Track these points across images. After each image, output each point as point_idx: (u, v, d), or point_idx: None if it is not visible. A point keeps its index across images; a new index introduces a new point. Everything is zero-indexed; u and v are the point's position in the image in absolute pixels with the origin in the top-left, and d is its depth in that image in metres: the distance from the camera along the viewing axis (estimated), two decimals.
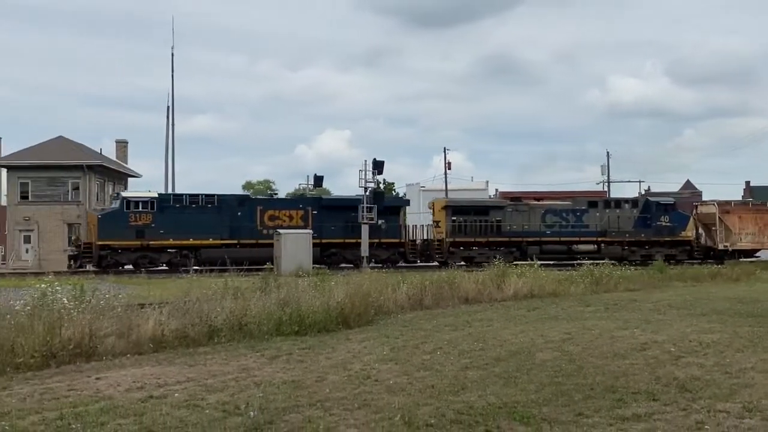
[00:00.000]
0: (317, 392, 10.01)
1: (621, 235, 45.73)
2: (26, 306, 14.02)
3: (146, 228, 39.19)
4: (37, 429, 8.15)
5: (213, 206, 40.52)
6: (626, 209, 46.94)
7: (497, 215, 44.66)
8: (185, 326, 15.14)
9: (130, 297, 19.48)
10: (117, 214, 39.38)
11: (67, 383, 10.79)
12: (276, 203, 43.28)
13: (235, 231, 40.41)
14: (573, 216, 46.04)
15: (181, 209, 40.10)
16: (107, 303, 15.37)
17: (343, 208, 42.60)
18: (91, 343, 13.33)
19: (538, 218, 45.22)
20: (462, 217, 44.13)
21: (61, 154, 58.19)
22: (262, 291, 18.80)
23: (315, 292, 18.40)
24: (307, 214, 42.02)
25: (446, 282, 23.07)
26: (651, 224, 46.38)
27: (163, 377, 11.16)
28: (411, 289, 21.70)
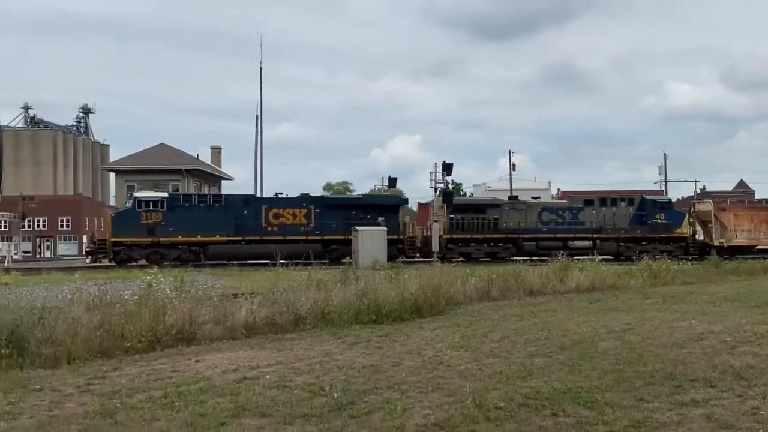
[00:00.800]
0: (394, 376, 10.03)
1: (616, 232, 44.04)
2: (134, 296, 14.39)
3: (157, 226, 38.94)
4: (144, 406, 8.35)
5: (220, 205, 40.31)
6: (622, 207, 45.17)
7: (494, 213, 43.46)
8: (274, 314, 15.34)
9: (224, 288, 19.81)
10: (129, 213, 39.39)
11: (171, 365, 11.03)
12: (280, 202, 42.17)
13: (240, 228, 39.87)
14: (569, 213, 44.49)
15: (190, 208, 39.77)
16: (204, 293, 15.67)
17: (343, 206, 42.06)
18: (191, 329, 13.62)
19: (535, 216, 43.82)
20: (460, 215, 42.94)
21: (162, 159, 59.53)
22: (342, 283, 18.89)
23: (390, 284, 18.43)
24: (310, 212, 41.17)
25: (512, 275, 22.85)
26: (647, 221, 44.54)
27: (255, 360, 11.32)
28: (479, 281, 21.56)
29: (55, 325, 12.28)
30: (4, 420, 7.72)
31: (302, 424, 7.60)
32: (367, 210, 41.72)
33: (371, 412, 8.01)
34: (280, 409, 8.11)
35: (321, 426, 7.50)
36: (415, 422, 7.65)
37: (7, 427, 7.46)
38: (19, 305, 12.84)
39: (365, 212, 41.55)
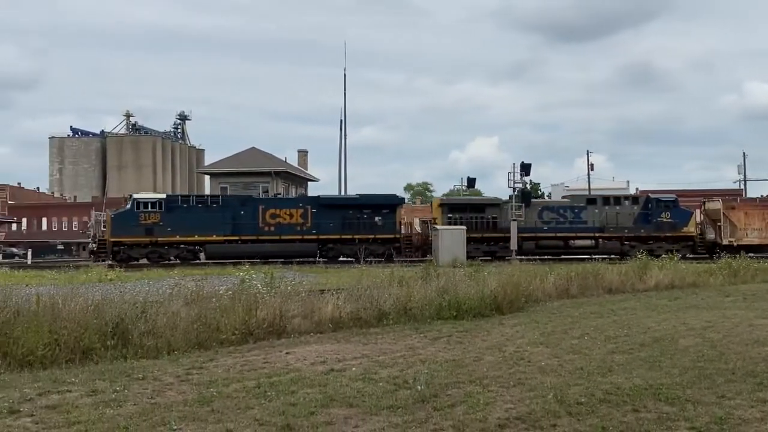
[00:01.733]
0: (475, 370, 9.95)
1: (620, 231, 42.26)
2: (228, 291, 14.69)
3: (155, 226, 38.97)
4: (239, 395, 8.50)
5: (218, 206, 40.08)
6: (626, 206, 43.28)
7: (493, 212, 42.31)
8: (358, 310, 15.43)
9: (311, 284, 20.04)
10: (128, 214, 39.42)
11: (263, 357, 11.21)
12: (277, 202, 41.92)
13: (237, 228, 39.67)
14: (571, 212, 42.88)
15: (187, 209, 39.74)
16: (293, 289, 15.88)
17: (339, 206, 41.52)
18: (281, 323, 13.82)
19: (535, 215, 42.27)
20: (458, 215, 41.94)
21: (253, 162, 60.63)
22: (423, 280, 18.87)
23: (470, 281, 18.31)
24: (307, 212, 40.69)
25: (591, 273, 22.42)
26: (652, 220, 42.73)
27: (341, 353, 11.40)
28: (558, 279, 21.22)
29: (156, 319, 12.64)
30: (111, 407, 7.97)
31: (388, 415, 7.61)
32: (365, 210, 41.12)
33: (454, 405, 7.96)
34: (366, 401, 8.15)
35: (406, 417, 7.50)
36: (497, 416, 7.57)
37: (113, 413, 7.70)
38: (123, 300, 13.25)
39: (362, 212, 41.01)
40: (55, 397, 8.46)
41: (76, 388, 8.92)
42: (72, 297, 12.31)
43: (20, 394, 8.51)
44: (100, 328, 11.73)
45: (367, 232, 40.59)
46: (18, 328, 10.92)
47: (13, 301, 11.86)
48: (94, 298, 12.94)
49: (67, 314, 11.58)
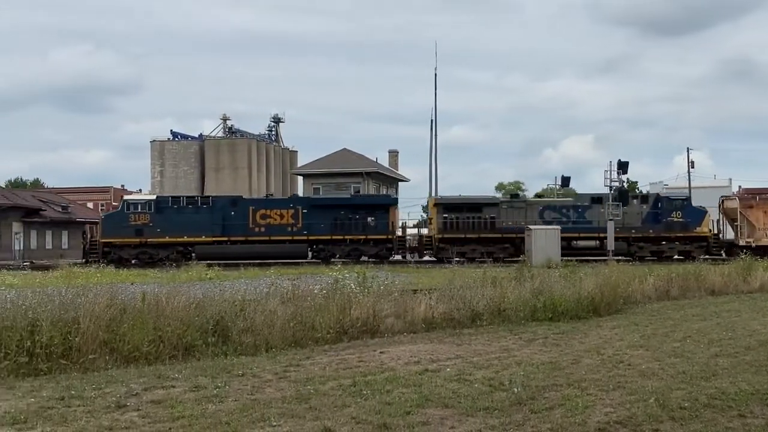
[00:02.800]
0: (573, 373, 9.77)
1: (626, 231, 40.24)
2: (322, 290, 14.88)
3: (144, 227, 39.20)
4: (335, 393, 8.60)
5: (207, 207, 40.02)
6: (634, 205, 41.26)
7: (491, 212, 40.93)
8: (451, 310, 15.38)
9: (403, 284, 20.08)
10: (118, 215, 39.95)
11: (357, 355, 11.31)
12: (267, 203, 41.96)
13: (227, 229, 39.62)
14: (574, 212, 41.33)
15: (177, 210, 39.80)
16: (386, 288, 15.95)
17: (331, 207, 41.12)
18: (375, 322, 13.92)
19: (536, 214, 40.95)
20: (454, 214, 40.88)
21: (344, 163, 61.30)
22: (516, 281, 18.65)
23: (566, 282, 17.99)
24: (297, 212, 40.36)
25: (692, 274, 21.70)
26: (662, 220, 40.73)
27: (435, 354, 11.39)
28: (658, 280, 20.62)
29: (254, 317, 12.91)
30: (213, 402, 8.20)
31: (484, 416, 7.55)
32: (357, 210, 40.70)
33: (552, 408, 7.83)
34: (462, 402, 8.10)
35: (502, 419, 7.42)
36: (597, 419, 7.42)
37: (215, 409, 7.91)
38: (222, 298, 13.59)
39: (355, 212, 40.55)
40: (159, 392, 8.75)
41: (179, 383, 9.21)
42: (174, 295, 12.71)
43: (127, 389, 8.84)
44: (201, 325, 12.08)
45: (359, 233, 40.18)
46: (124, 325, 11.35)
47: (119, 298, 12.33)
48: (195, 296, 13.33)
49: (170, 312, 11.97)
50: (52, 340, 10.53)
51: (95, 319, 11.02)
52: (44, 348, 10.44)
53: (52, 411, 7.82)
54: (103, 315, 11.20)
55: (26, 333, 10.47)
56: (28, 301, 11.37)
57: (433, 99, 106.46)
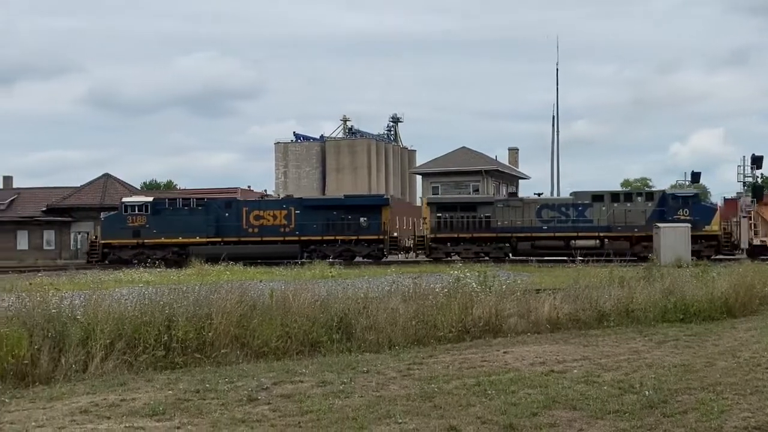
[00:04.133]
0: (707, 376, 9.37)
1: (629, 230, 38.42)
2: (444, 288, 14.88)
3: (141, 228, 40.06)
4: (459, 392, 8.59)
5: (202, 208, 40.81)
6: (638, 203, 39.38)
7: (486, 211, 39.68)
8: (577, 310, 15.06)
9: (526, 283, 19.81)
10: (117, 217, 40.82)
11: (480, 355, 11.25)
12: (261, 204, 42.56)
13: (221, 230, 40.28)
14: (574, 211, 39.54)
15: (173, 211, 40.68)
16: (508, 287, 15.79)
17: (323, 207, 41.35)
18: (497, 322, 13.80)
19: (533, 213, 39.51)
20: (448, 214, 39.87)
21: (463, 161, 61.11)
22: (645, 280, 18.04)
23: (697, 282, 17.28)
24: (290, 213, 40.59)
25: None
26: (667, 218, 38.22)
27: (561, 354, 11.18)
28: None
29: (377, 314, 13.07)
30: (339, 398, 8.36)
31: (614, 419, 7.36)
32: (349, 210, 40.69)
33: (686, 412, 7.55)
34: (590, 404, 7.93)
35: (633, 423, 7.22)
36: (733, 424, 7.11)
37: (342, 404, 8.07)
38: (346, 295, 13.83)
39: (347, 213, 40.55)
40: (288, 386, 9.01)
41: (306, 378, 9.45)
42: (300, 292, 13.04)
43: (257, 383, 9.14)
44: (326, 322, 12.34)
45: (351, 234, 40.30)
46: (254, 321, 11.75)
47: (248, 295, 12.75)
48: (319, 293, 13.62)
49: (297, 309, 12.30)
50: (187, 334, 11.02)
51: (227, 315, 11.46)
52: (180, 342, 10.95)
53: (188, 403, 8.19)
54: (234, 311, 11.63)
55: (163, 328, 11.01)
56: (164, 297, 11.96)
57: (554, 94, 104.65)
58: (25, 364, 9.82)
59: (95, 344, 10.40)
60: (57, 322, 10.59)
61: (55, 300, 11.25)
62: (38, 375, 9.83)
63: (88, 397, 8.63)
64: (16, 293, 12.85)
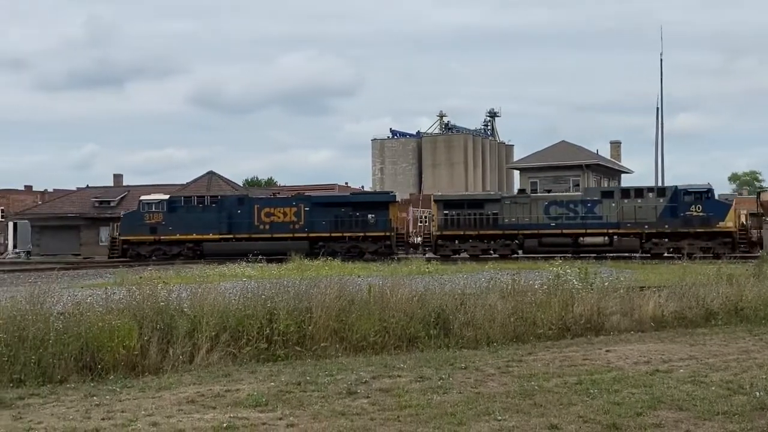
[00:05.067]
0: None
1: (639, 227, 37.44)
2: (543, 285, 14.67)
3: (158, 225, 41.54)
4: (560, 390, 8.46)
5: (216, 206, 42.13)
6: (649, 199, 38.11)
7: (493, 208, 39.38)
8: (683, 308, 14.60)
9: (628, 280, 19.30)
10: (135, 214, 42.60)
11: (581, 353, 11.05)
12: (272, 202, 43.59)
13: (233, 227, 41.32)
14: (583, 207, 38.76)
15: (188, 209, 42.11)
16: (611, 284, 15.42)
17: (332, 205, 42.25)
18: (599, 320, 13.53)
19: (541, 210, 38.90)
20: (455, 211, 39.70)
21: (562, 156, 59.99)
22: (755, 277, 17.31)
23: None
24: (300, 210, 41.53)
25: None
26: (679, 214, 37.21)
27: (666, 354, 10.86)
28: None
29: (474, 311, 13.02)
30: (437, 394, 8.38)
31: (722, 421, 7.11)
32: (357, 208, 41.47)
33: None
34: (697, 405, 7.68)
35: (743, 425, 6.95)
36: None
37: (440, 400, 8.08)
38: (443, 291, 13.82)
39: (354, 210, 41.29)
40: (387, 381, 9.09)
41: (405, 373, 9.51)
42: (397, 288, 13.11)
43: (357, 377, 9.26)
44: (423, 317, 12.38)
45: (358, 230, 40.86)
46: (352, 316, 11.90)
47: (347, 290, 12.92)
48: (416, 289, 13.66)
49: (395, 304, 12.38)
50: (288, 328, 11.27)
51: (326, 310, 11.66)
52: (281, 335, 11.21)
53: (290, 395, 8.37)
54: (333, 306, 11.81)
55: (265, 321, 11.30)
56: (266, 291, 12.26)
57: (658, 86, 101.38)
58: (135, 355, 10.26)
59: (201, 336, 10.77)
60: (165, 315, 11.01)
61: (164, 293, 11.68)
62: (147, 365, 10.25)
63: (194, 387, 8.94)
64: (127, 287, 13.42)
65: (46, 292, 11.09)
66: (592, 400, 7.96)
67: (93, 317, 10.45)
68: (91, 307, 10.97)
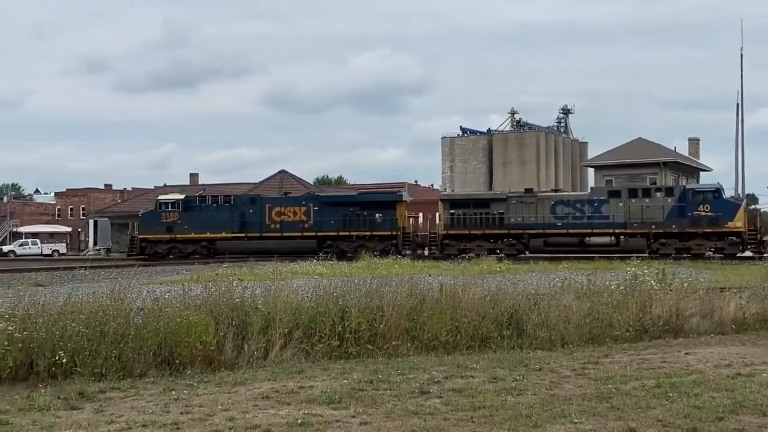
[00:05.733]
0: None
1: (645, 227, 37.05)
2: (619, 286, 14.39)
3: (174, 224, 42.64)
4: (638, 393, 8.29)
5: (229, 205, 43.03)
6: (658, 198, 37.70)
7: (499, 208, 39.38)
8: (766, 310, 14.16)
9: (708, 281, 18.79)
10: (153, 214, 43.60)
11: (660, 356, 10.80)
12: (282, 201, 44.16)
13: (245, 226, 42.19)
14: (590, 207, 38.47)
15: (202, 208, 43.21)
16: (690, 285, 15.03)
17: (340, 204, 43.01)
18: (678, 321, 13.23)
19: (547, 210, 38.68)
20: (461, 211, 39.94)
21: (639, 153, 58.65)
22: None
23: None
24: (309, 209, 42.24)
25: None
26: (687, 214, 36.70)
27: (748, 357, 10.52)
28: None
29: (548, 311, 12.86)
30: (511, 395, 8.31)
31: None
32: (364, 207, 42.00)
33: None
34: None
35: None
36: None
37: (514, 401, 8.01)
38: (516, 291, 13.69)
39: (362, 209, 41.84)
40: (459, 381, 9.06)
41: (477, 374, 9.46)
42: (469, 287, 13.04)
43: (429, 376, 9.26)
44: (496, 317, 12.30)
45: (365, 229, 41.33)
46: (424, 315, 11.91)
47: (418, 289, 12.92)
48: (488, 288, 13.56)
49: (466, 303, 12.33)
50: (360, 326, 11.36)
51: (397, 308, 11.69)
52: (353, 333, 11.30)
53: (362, 393, 8.43)
54: (405, 304, 11.84)
55: (337, 319, 11.41)
56: (337, 289, 12.37)
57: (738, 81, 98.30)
58: (211, 351, 10.49)
59: (275, 333, 10.94)
60: (240, 311, 11.23)
61: (239, 290, 11.90)
62: (223, 361, 10.46)
63: (269, 383, 9.08)
64: (203, 283, 13.72)
65: (126, 288, 11.43)
66: (671, 403, 7.78)
67: (171, 313, 10.72)
68: (170, 303, 11.25)
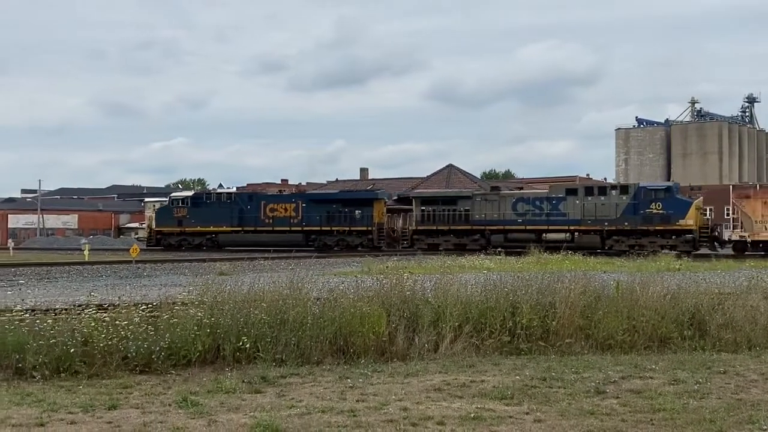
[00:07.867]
0: None
1: (599, 224, 38.98)
2: None
3: (183, 218, 48.25)
4: None
5: (230, 201, 48.24)
6: (612, 196, 39.76)
7: (465, 205, 42.33)
8: None
9: None
10: (166, 209, 49.66)
11: None
12: (275, 198, 49.11)
13: (242, 220, 46.99)
14: (548, 204, 40.66)
15: (208, 204, 48.55)
16: None
17: (325, 201, 47.54)
18: None
19: (509, 207, 41.40)
20: (431, 208, 43.20)
21: None
22: None
23: None
24: (298, 206, 46.56)
25: None
26: (640, 211, 38.37)
27: None
28: None
29: (733, 311, 12.14)
30: (694, 398, 7.93)
31: None
32: (345, 204, 46.12)
33: None
34: None
35: None
36: None
37: (696, 405, 7.64)
38: (698, 290, 13.02)
39: (343, 206, 45.97)
40: (637, 382, 8.76)
41: (657, 375, 9.11)
42: (648, 285, 12.53)
43: (604, 376, 9.01)
44: (676, 317, 11.75)
45: (346, 225, 45.47)
46: (599, 312, 11.57)
47: (592, 286, 12.56)
48: (668, 287, 12.97)
49: (644, 302, 11.85)
50: (531, 322, 11.21)
51: (570, 305, 11.43)
52: (524, 329, 11.17)
53: (535, 390, 8.34)
54: (578, 301, 11.56)
55: (508, 314, 11.32)
56: (507, 284, 12.26)
57: None
58: (383, 341, 10.72)
59: (445, 326, 11.01)
60: (411, 304, 11.39)
61: (409, 283, 12.08)
62: (395, 352, 10.67)
63: (440, 376, 9.17)
64: (375, 275, 14.05)
65: (303, 278, 11.90)
66: None
67: (345, 303, 11.05)
68: (344, 293, 11.59)
